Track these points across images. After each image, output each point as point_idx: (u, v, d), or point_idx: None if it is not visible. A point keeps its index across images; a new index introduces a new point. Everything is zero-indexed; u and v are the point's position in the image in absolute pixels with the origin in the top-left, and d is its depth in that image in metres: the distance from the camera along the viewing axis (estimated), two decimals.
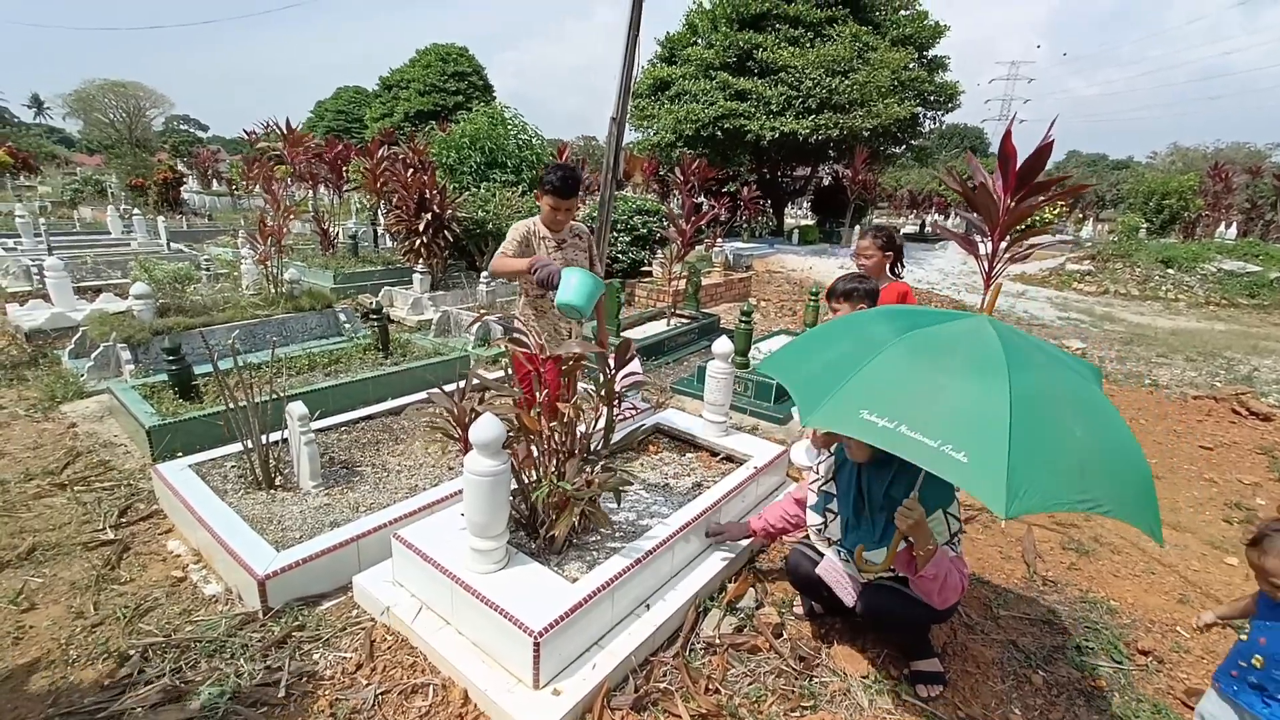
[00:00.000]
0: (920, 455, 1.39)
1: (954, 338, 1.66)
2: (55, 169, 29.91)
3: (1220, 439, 4.60)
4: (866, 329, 1.81)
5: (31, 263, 7.48)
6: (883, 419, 1.45)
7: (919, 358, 1.63)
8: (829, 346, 1.82)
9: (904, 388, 1.55)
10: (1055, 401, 1.51)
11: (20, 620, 2.30)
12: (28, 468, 3.39)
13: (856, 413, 1.49)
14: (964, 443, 1.37)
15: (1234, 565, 3.03)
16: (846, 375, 1.61)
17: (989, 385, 1.48)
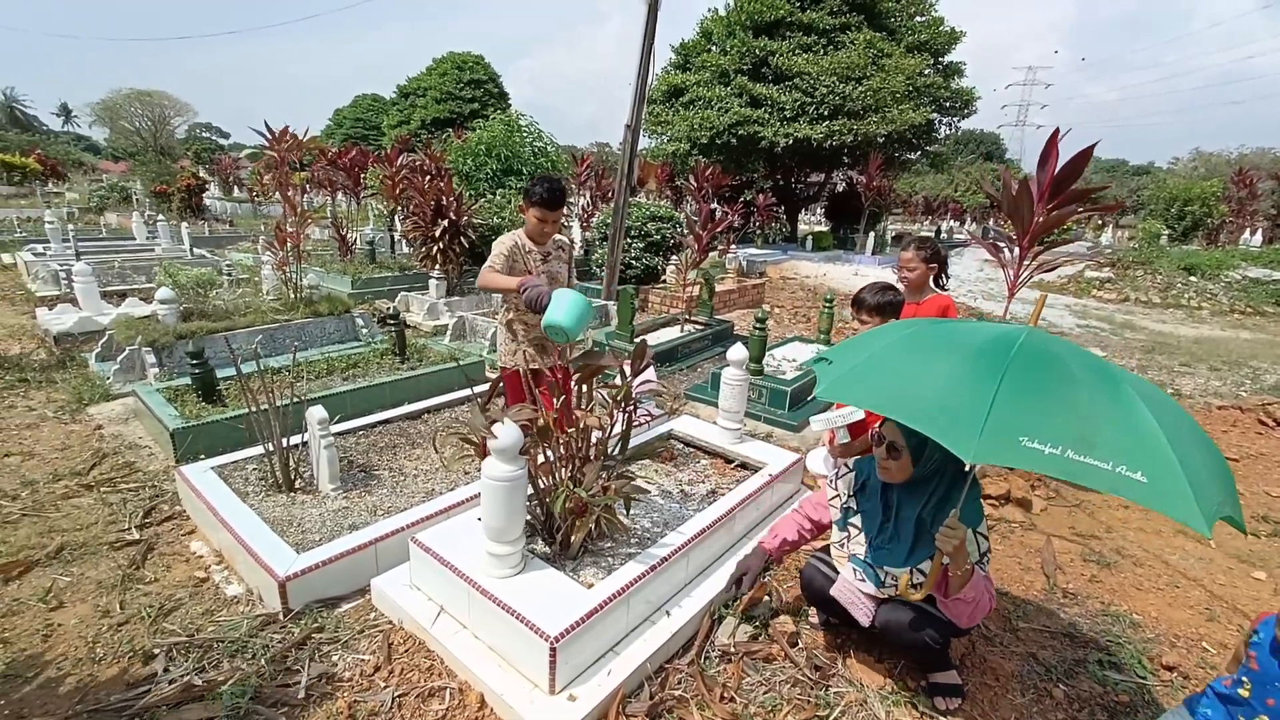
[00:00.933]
0: (1095, 480, 1.33)
1: (1051, 353, 1.60)
2: (82, 176, 30.72)
3: (1246, 450, 4.51)
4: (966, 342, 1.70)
5: (60, 268, 7.68)
6: (1046, 445, 1.37)
7: (1042, 376, 1.54)
8: (936, 369, 1.66)
9: (1046, 410, 1.46)
10: (1174, 413, 1.50)
11: (49, 618, 2.35)
12: (56, 469, 3.47)
13: (1016, 441, 1.39)
14: (1135, 462, 1.33)
15: (1261, 580, 2.97)
16: (981, 403, 1.46)
17: (1124, 400, 1.46)
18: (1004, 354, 1.57)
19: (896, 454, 1.98)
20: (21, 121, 58.03)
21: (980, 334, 1.72)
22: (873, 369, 1.79)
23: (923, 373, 1.67)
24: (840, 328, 7.55)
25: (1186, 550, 3.20)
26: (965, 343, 1.69)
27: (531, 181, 2.92)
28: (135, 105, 41.28)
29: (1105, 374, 1.54)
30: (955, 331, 1.80)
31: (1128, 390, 1.48)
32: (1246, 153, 37.86)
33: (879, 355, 1.82)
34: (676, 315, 6.98)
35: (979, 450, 1.38)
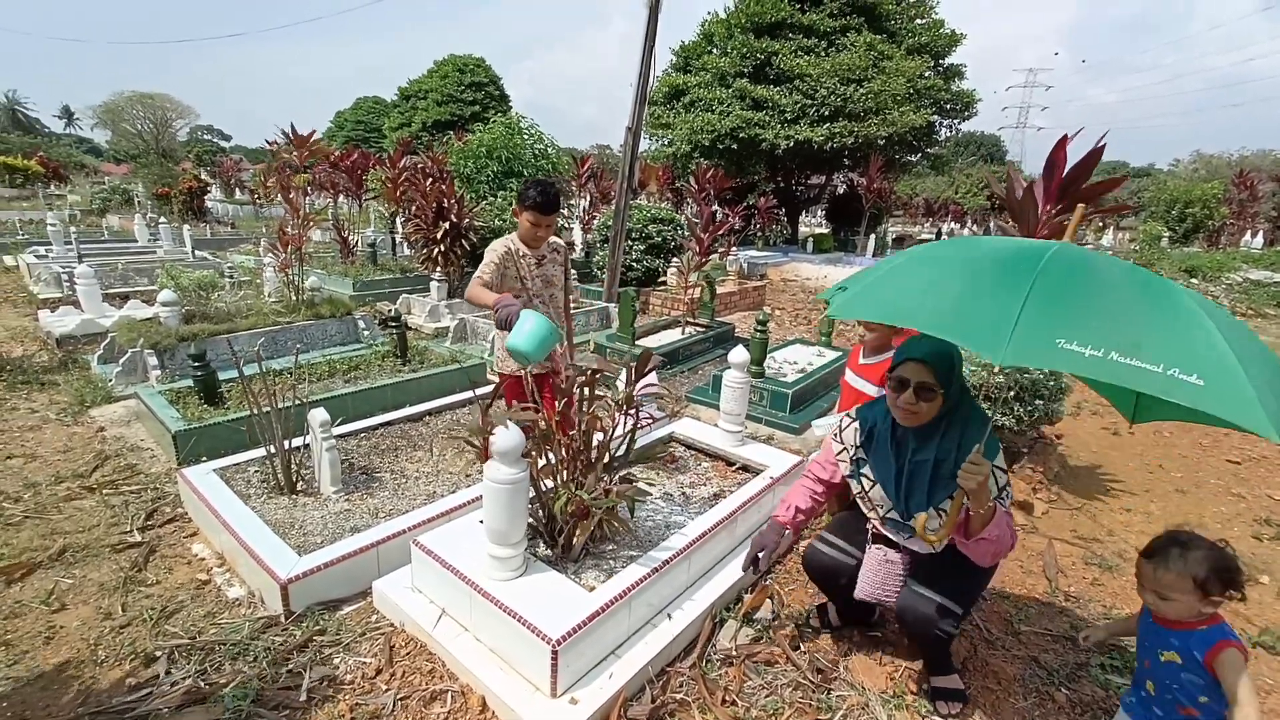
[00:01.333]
0: (1145, 382, 1.23)
1: (1088, 263, 1.49)
2: (84, 178, 30.77)
3: (1248, 453, 4.50)
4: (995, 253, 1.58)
5: (62, 270, 7.69)
6: (1087, 347, 1.26)
7: (1078, 283, 1.42)
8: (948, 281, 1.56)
9: (1084, 313, 1.34)
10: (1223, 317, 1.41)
11: (51, 620, 2.35)
12: (58, 471, 3.47)
13: (1052, 343, 1.29)
14: (1191, 365, 1.23)
15: (1265, 584, 2.96)
16: (1012, 304, 1.36)
17: (1169, 302, 1.37)
18: (1033, 263, 1.46)
19: (930, 394, 1.89)
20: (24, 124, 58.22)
21: (1006, 247, 1.61)
22: (887, 284, 1.71)
23: (942, 283, 1.56)
24: (841, 330, 7.55)
25: None
26: (988, 254, 1.59)
27: (524, 185, 2.88)
28: (137, 108, 41.45)
29: (1153, 282, 1.43)
30: (977, 245, 1.68)
31: (1182, 297, 1.37)
32: (1247, 154, 37.87)
33: (894, 271, 1.74)
34: (678, 318, 6.98)
35: (1011, 351, 1.29)
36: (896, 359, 2.00)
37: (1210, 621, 1.53)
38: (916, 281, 1.66)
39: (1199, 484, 4.01)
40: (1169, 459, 4.38)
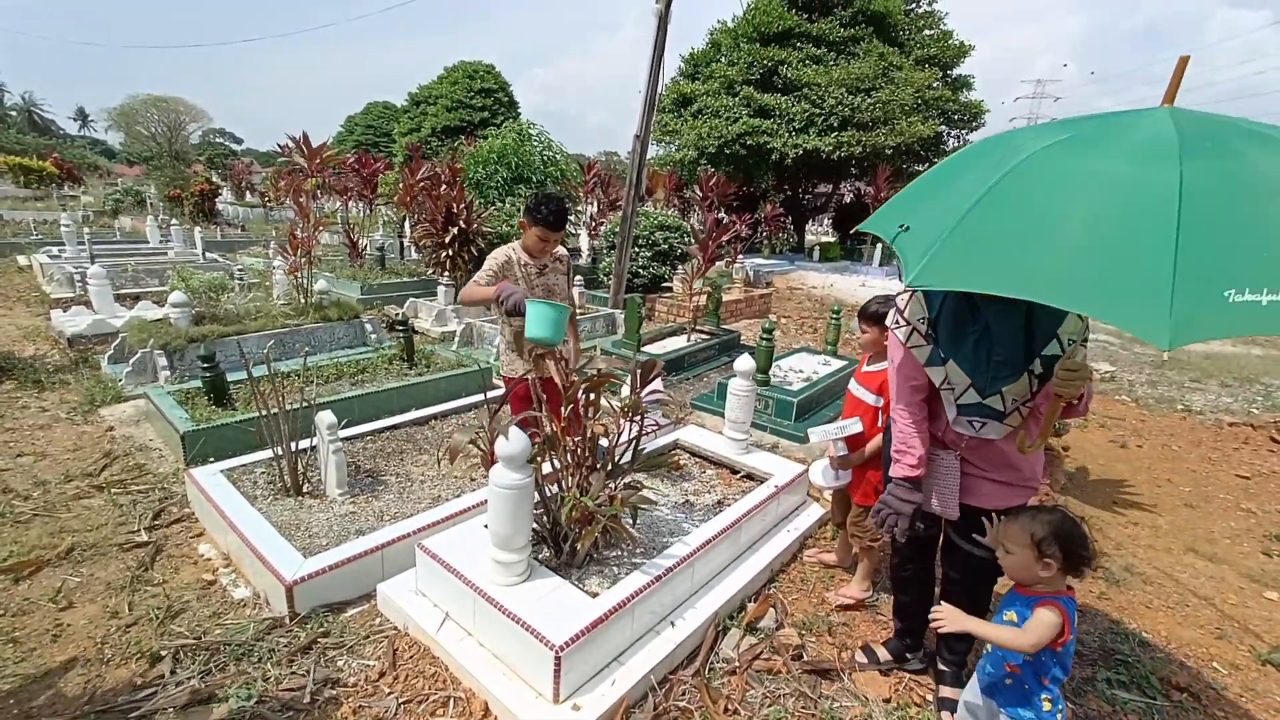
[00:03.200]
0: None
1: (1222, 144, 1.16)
2: (97, 180, 31.12)
3: (1258, 468, 4.46)
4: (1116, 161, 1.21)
5: (74, 270, 7.78)
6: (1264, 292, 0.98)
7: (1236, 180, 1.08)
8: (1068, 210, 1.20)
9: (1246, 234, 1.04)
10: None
11: (59, 618, 2.37)
12: (68, 469, 3.51)
13: (1222, 299, 0.99)
14: None
15: (1273, 599, 2.93)
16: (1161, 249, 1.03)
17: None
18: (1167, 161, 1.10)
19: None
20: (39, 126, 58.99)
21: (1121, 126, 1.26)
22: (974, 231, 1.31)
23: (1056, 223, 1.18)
24: (847, 339, 7.54)
25: (1197, 569, 3.16)
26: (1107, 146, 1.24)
27: (535, 199, 2.84)
28: (151, 111, 41.91)
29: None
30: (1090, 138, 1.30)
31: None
32: None
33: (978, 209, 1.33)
34: (683, 324, 6.99)
35: (1175, 330, 0.98)
36: None
37: (1059, 593, 1.62)
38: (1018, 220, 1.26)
39: (1208, 498, 3.98)
40: (1178, 473, 4.34)
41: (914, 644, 2.32)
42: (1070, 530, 1.60)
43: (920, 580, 2.26)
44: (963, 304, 1.79)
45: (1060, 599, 1.60)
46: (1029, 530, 1.62)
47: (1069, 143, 1.33)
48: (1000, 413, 1.81)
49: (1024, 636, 1.58)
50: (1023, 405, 1.79)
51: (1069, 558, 1.60)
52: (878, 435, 2.54)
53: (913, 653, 2.31)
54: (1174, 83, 1.39)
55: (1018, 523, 1.66)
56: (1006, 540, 1.68)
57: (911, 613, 2.28)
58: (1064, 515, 1.64)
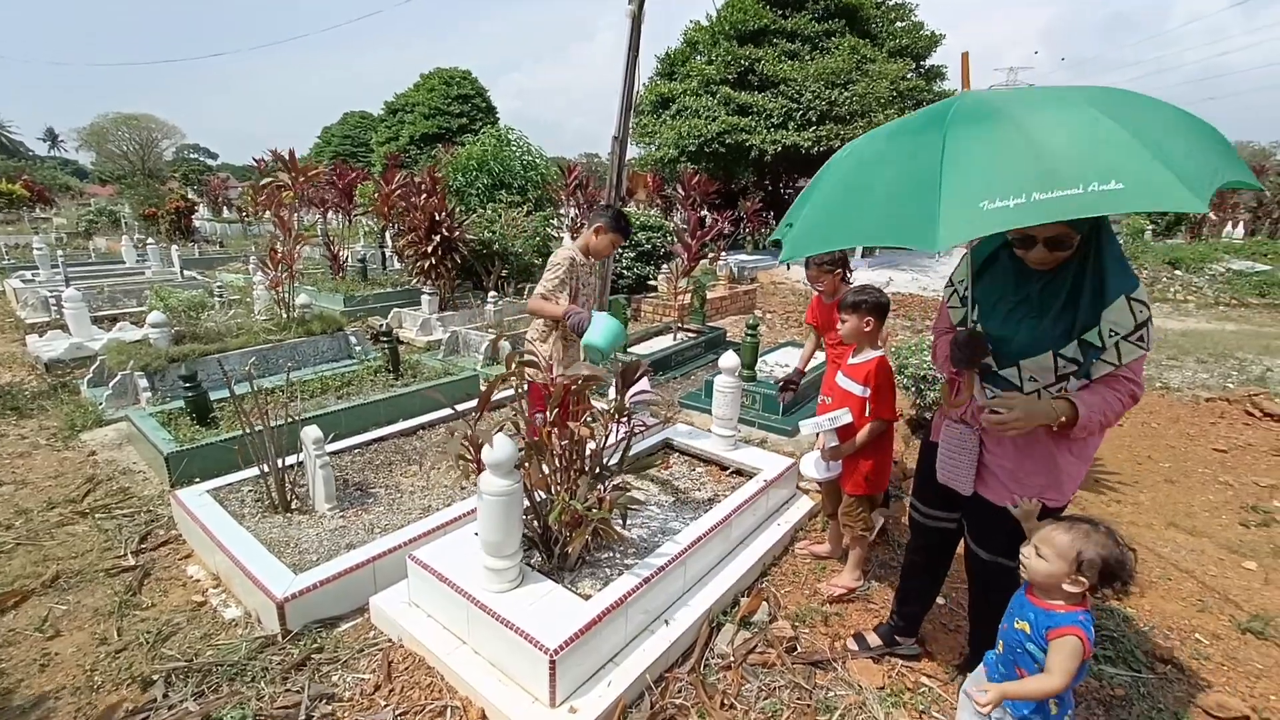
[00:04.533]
0: (1071, 207, 1.24)
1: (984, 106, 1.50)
2: (70, 200, 30.61)
3: (1234, 441, 4.56)
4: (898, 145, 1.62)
5: (49, 294, 7.65)
6: (1009, 199, 1.27)
7: (984, 131, 1.43)
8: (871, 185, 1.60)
9: (1001, 160, 1.36)
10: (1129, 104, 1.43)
11: (46, 647, 2.34)
12: (50, 496, 3.45)
13: (977, 209, 1.29)
14: (1106, 172, 1.24)
15: (1252, 569, 3.00)
16: (931, 186, 1.38)
17: (1074, 113, 1.37)
18: (939, 124, 1.49)
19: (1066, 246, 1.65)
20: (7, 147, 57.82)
21: (916, 119, 1.65)
22: (822, 211, 1.76)
23: (869, 188, 1.60)
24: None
25: (1178, 543, 3.23)
26: (902, 134, 1.64)
27: (614, 213, 3.28)
28: (122, 129, 41.31)
29: (1050, 99, 1.46)
30: (893, 131, 1.70)
31: (1077, 103, 1.38)
32: None
33: (827, 195, 1.78)
34: (669, 324, 7.02)
35: (943, 235, 1.30)
36: None
37: (1072, 608, 1.55)
38: (844, 195, 1.69)
39: (1187, 473, 4.07)
40: (1156, 449, 4.43)
41: (908, 628, 2.34)
42: (1121, 560, 1.50)
43: (928, 570, 2.27)
44: (1009, 273, 1.81)
45: (1080, 621, 1.52)
46: (1077, 548, 1.51)
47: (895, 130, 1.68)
48: (1016, 387, 1.77)
49: (1054, 679, 1.50)
50: (1045, 388, 1.72)
51: (1105, 583, 1.51)
52: (867, 425, 2.57)
53: (905, 636, 2.35)
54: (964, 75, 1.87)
55: (1068, 535, 1.54)
56: (1045, 546, 1.56)
57: (912, 599, 2.31)
58: (1117, 543, 1.52)
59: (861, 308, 2.55)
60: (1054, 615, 1.55)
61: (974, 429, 1.91)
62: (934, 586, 2.30)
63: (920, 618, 2.33)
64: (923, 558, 2.26)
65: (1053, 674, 1.51)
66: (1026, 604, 1.62)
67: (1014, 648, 1.63)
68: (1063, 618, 1.53)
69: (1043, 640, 1.55)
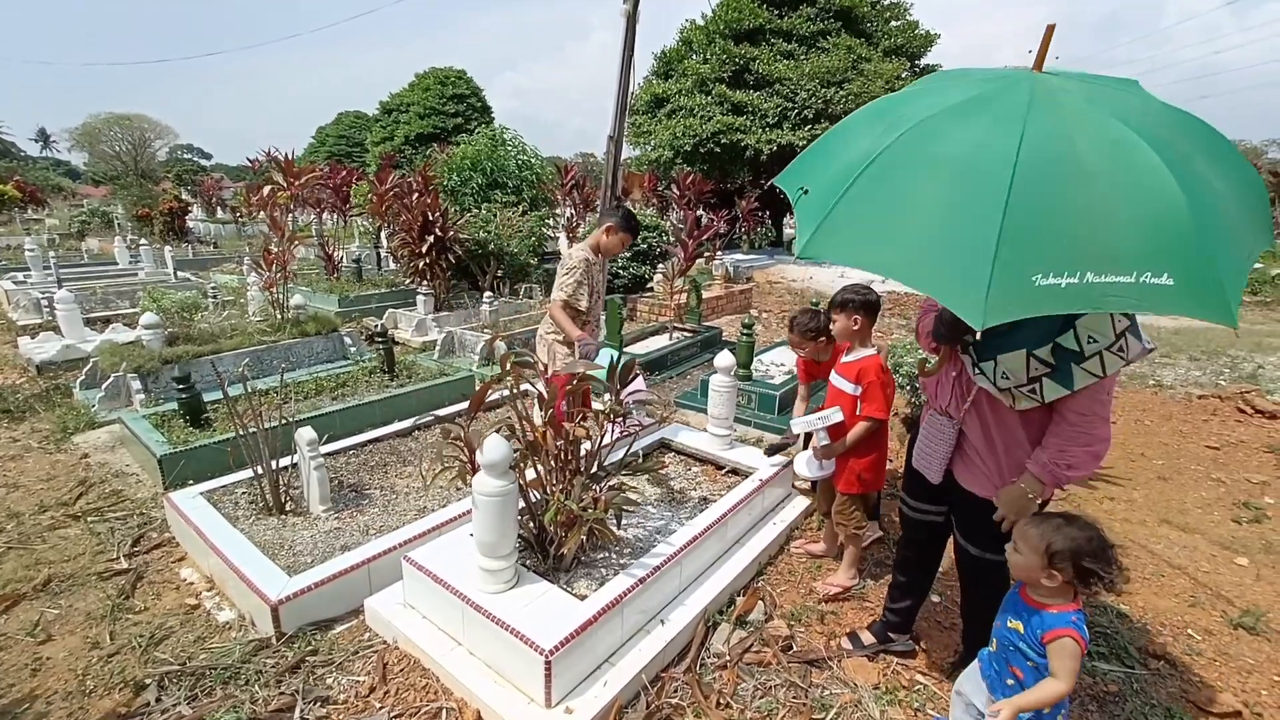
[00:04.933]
0: (1120, 301, 1.15)
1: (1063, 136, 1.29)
2: (62, 201, 30.42)
3: (1227, 438, 4.59)
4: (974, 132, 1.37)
5: (41, 295, 7.60)
6: (1064, 277, 1.14)
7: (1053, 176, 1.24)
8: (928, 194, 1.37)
9: (1060, 226, 1.19)
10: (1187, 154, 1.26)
11: (38, 652, 2.33)
12: (42, 500, 3.43)
13: (1029, 283, 1.16)
14: (1161, 263, 1.13)
15: (1244, 565, 3.02)
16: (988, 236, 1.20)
17: (1139, 163, 1.22)
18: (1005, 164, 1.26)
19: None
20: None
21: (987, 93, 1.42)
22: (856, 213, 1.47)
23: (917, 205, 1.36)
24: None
25: (1171, 539, 3.25)
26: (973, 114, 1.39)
27: (618, 212, 3.43)
28: (114, 129, 41.03)
29: (1123, 146, 1.26)
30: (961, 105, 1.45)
31: (1147, 155, 1.21)
32: None
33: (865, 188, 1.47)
34: (665, 323, 7.02)
35: (989, 310, 1.15)
36: None
37: (1064, 607, 1.55)
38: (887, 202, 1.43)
39: (1180, 470, 4.09)
40: (1150, 447, 4.46)
41: (902, 624, 2.34)
42: (1092, 551, 1.50)
43: (920, 565, 2.28)
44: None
45: (1073, 622, 1.52)
46: (1046, 540, 1.53)
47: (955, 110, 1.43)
48: (990, 381, 1.79)
49: (1060, 684, 1.50)
50: (1018, 388, 1.73)
51: (1081, 575, 1.51)
52: (859, 424, 2.58)
53: (898, 633, 2.35)
54: (1043, 50, 1.56)
55: (1038, 529, 1.56)
56: (1021, 540, 1.59)
57: (905, 594, 2.31)
58: (1091, 535, 1.52)
59: (849, 306, 2.56)
60: (1046, 616, 1.55)
61: (954, 421, 1.95)
62: (926, 580, 2.31)
63: (914, 613, 2.33)
64: (914, 552, 2.27)
65: (1059, 678, 1.51)
66: (1020, 603, 1.63)
67: (1006, 646, 1.64)
68: (1055, 619, 1.53)
69: (1036, 640, 1.55)
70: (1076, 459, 1.70)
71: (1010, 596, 1.70)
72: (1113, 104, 1.38)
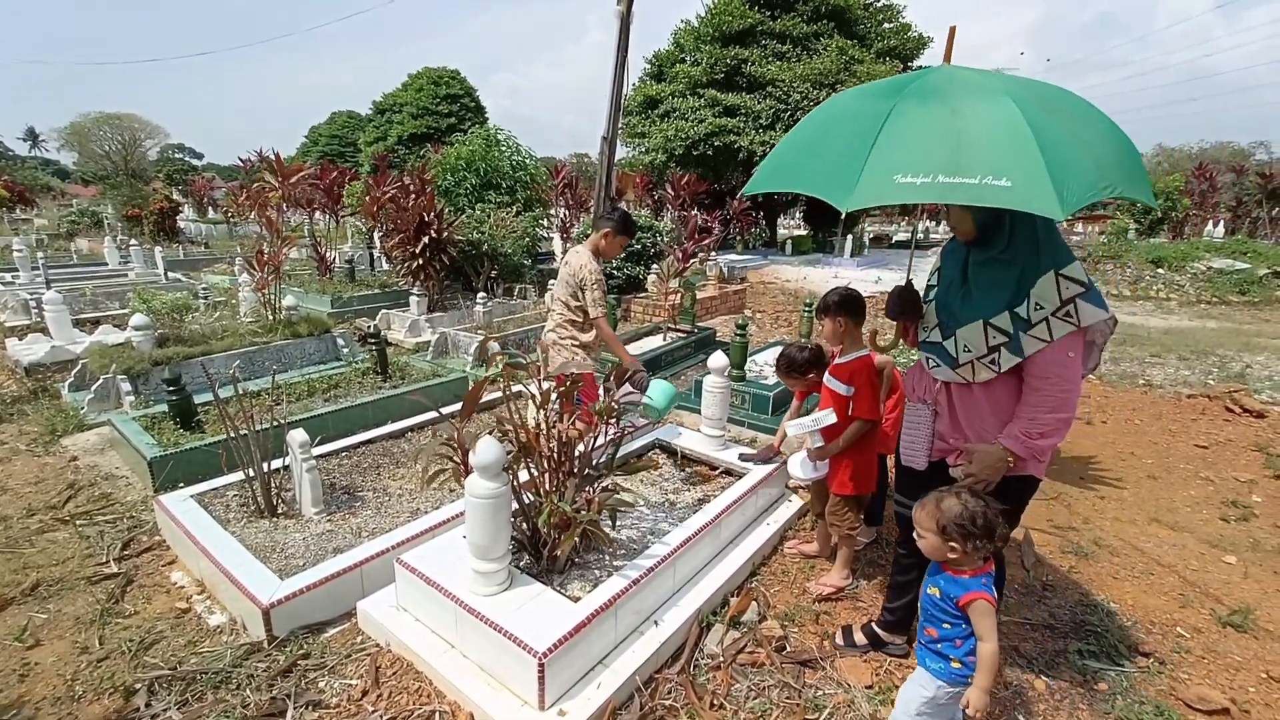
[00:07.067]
0: (967, 195, 1.44)
1: (941, 83, 1.70)
2: (51, 201, 30.14)
3: (1215, 437, 4.64)
4: (859, 107, 1.81)
5: (29, 296, 7.52)
6: (918, 177, 1.48)
7: (923, 109, 1.63)
8: (828, 137, 1.83)
9: (926, 141, 1.56)
10: (1054, 109, 1.58)
11: (26, 657, 2.30)
12: (29, 503, 3.40)
13: (890, 180, 1.51)
14: (1002, 168, 1.43)
15: (1232, 563, 3.05)
16: (864, 152, 1.60)
17: (997, 109, 1.54)
18: (897, 93, 1.69)
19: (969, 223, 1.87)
20: None
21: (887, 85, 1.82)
22: (785, 155, 1.97)
23: (826, 142, 1.82)
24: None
25: (1160, 538, 3.28)
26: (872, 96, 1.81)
27: (614, 215, 3.45)
28: (104, 129, 40.71)
29: (992, 92, 1.61)
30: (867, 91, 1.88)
31: (1008, 106, 1.54)
32: (1207, 147, 39.05)
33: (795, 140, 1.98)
34: (659, 324, 7.02)
35: (856, 196, 1.54)
36: None
37: (975, 571, 1.71)
38: (807, 144, 1.91)
39: (1169, 469, 4.12)
40: (1139, 446, 4.50)
41: (899, 625, 2.34)
42: (972, 515, 1.66)
43: (917, 565, 2.25)
44: (958, 250, 1.97)
45: (983, 585, 1.68)
46: (934, 518, 1.70)
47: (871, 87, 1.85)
48: (952, 358, 1.91)
49: (988, 643, 1.65)
50: (979, 359, 1.85)
51: (973, 540, 1.66)
52: (851, 426, 2.58)
53: (895, 632, 2.35)
54: (948, 49, 2.01)
55: (923, 511, 1.74)
56: (918, 524, 1.75)
57: (902, 594, 2.31)
58: (964, 506, 1.68)
59: (830, 310, 2.59)
60: (959, 581, 1.70)
61: (929, 406, 2.04)
62: (921, 580, 2.31)
63: (910, 613, 2.34)
64: (908, 550, 2.28)
65: (985, 639, 1.66)
66: (938, 571, 1.77)
67: (927, 609, 1.80)
68: (967, 583, 1.69)
69: (951, 604, 1.71)
70: (1046, 426, 1.77)
71: (932, 566, 1.82)
72: (999, 79, 1.72)
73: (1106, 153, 1.56)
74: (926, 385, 2.06)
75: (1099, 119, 1.64)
